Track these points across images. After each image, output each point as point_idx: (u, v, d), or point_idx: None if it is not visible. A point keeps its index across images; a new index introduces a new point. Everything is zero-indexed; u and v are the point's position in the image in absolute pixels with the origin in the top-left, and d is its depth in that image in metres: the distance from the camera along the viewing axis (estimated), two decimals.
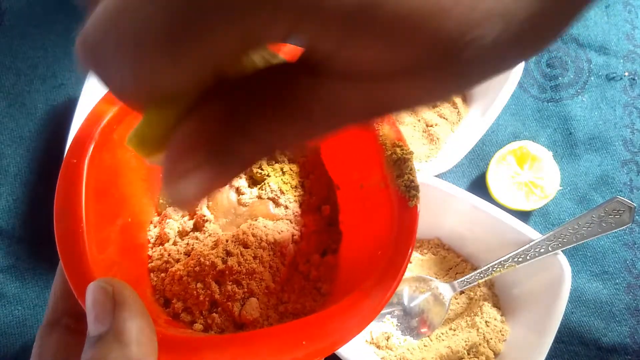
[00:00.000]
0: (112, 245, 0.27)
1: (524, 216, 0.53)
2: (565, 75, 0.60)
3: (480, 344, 0.43)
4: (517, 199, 0.51)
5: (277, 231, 0.31)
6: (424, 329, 0.46)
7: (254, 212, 0.32)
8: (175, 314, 0.28)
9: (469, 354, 0.44)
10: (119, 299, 0.19)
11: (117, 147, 0.28)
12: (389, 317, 0.46)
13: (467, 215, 0.47)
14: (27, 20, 0.60)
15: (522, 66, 0.51)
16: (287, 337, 0.22)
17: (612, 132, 0.57)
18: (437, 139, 0.54)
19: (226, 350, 0.22)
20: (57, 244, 0.23)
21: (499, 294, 0.48)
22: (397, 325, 0.46)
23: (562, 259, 0.43)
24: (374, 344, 0.45)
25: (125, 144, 0.15)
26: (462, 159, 0.50)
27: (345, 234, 0.33)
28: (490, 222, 0.46)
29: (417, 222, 0.27)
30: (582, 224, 0.43)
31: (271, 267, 0.30)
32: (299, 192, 0.34)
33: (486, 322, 0.45)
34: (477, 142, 0.50)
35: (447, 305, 0.46)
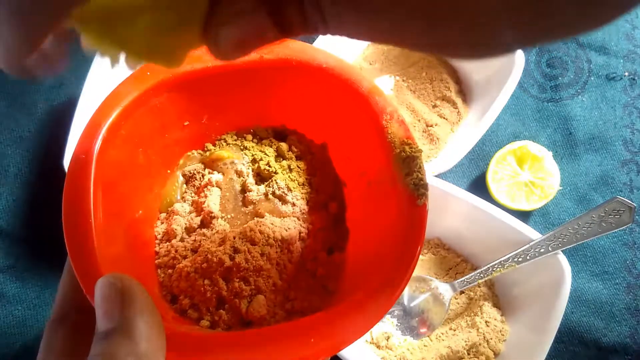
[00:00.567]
0: (120, 241, 0.27)
1: (524, 216, 0.53)
2: (565, 75, 0.60)
3: (480, 344, 0.44)
4: (517, 199, 0.51)
5: (284, 228, 0.31)
6: (423, 329, 0.46)
7: (261, 209, 0.32)
8: (182, 311, 0.28)
9: (469, 354, 0.44)
10: (128, 295, 0.19)
11: (125, 144, 0.28)
12: (389, 317, 0.46)
13: (467, 215, 0.47)
14: None
15: (522, 66, 0.51)
16: (296, 335, 0.22)
17: (612, 132, 0.57)
18: (437, 139, 0.53)
19: (235, 348, 0.22)
20: (66, 240, 0.23)
21: (499, 294, 0.48)
22: (397, 325, 0.46)
23: (562, 259, 0.43)
24: (374, 343, 0.45)
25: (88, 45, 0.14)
26: (462, 159, 0.50)
27: (352, 232, 0.33)
28: (490, 222, 0.46)
29: (425, 220, 0.27)
30: (582, 224, 0.43)
31: (278, 264, 0.30)
32: (306, 190, 0.34)
33: (486, 322, 0.45)
34: (477, 142, 0.50)
35: (447, 305, 0.46)
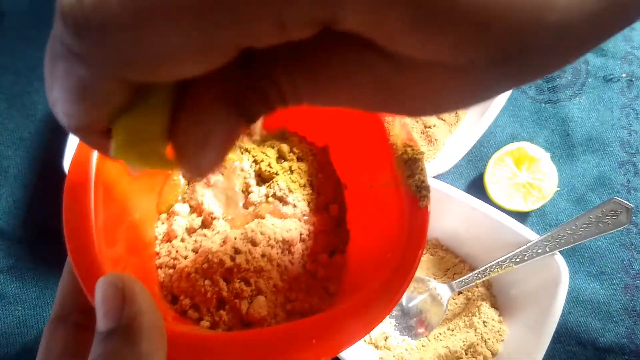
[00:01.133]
0: (120, 241, 0.27)
1: (521, 217, 0.53)
2: (562, 76, 0.60)
3: (478, 344, 0.44)
4: (515, 200, 0.51)
5: (285, 229, 0.31)
6: (421, 329, 0.46)
7: (262, 211, 0.32)
8: (182, 311, 0.28)
9: (466, 354, 0.44)
10: (129, 295, 0.18)
11: None
12: (387, 317, 0.47)
13: (465, 216, 0.47)
14: (27, 21, 0.60)
15: None
16: (297, 336, 0.22)
17: (610, 134, 0.57)
18: (435, 140, 0.54)
19: (236, 348, 0.21)
20: (66, 239, 0.23)
21: (496, 295, 0.48)
22: (395, 325, 0.46)
23: (560, 260, 0.43)
24: (372, 343, 0.46)
25: (113, 157, 0.15)
26: (460, 160, 0.50)
27: (352, 234, 0.33)
28: (488, 223, 0.46)
29: (427, 222, 0.27)
30: (580, 225, 0.43)
31: (279, 265, 0.30)
32: (307, 191, 0.34)
33: (484, 322, 0.45)
34: (475, 144, 0.50)
35: (445, 305, 0.46)
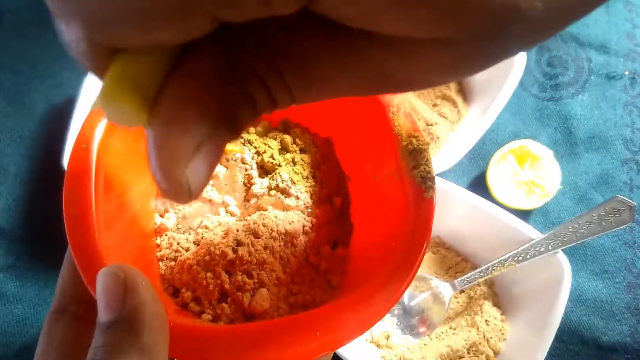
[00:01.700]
0: (121, 232, 0.27)
1: (524, 215, 0.53)
2: (565, 74, 0.60)
3: (480, 343, 0.43)
4: (517, 198, 0.51)
5: (288, 221, 0.31)
6: (423, 328, 0.46)
7: (264, 203, 0.32)
8: (183, 304, 0.28)
9: (469, 353, 0.44)
10: (131, 285, 0.18)
11: (127, 133, 0.28)
12: (389, 315, 0.46)
13: (467, 214, 0.47)
14: (26, 19, 0.60)
15: (523, 65, 0.51)
16: (301, 328, 0.22)
17: (613, 131, 0.57)
18: (437, 138, 0.53)
19: (238, 341, 0.21)
20: (67, 230, 0.23)
21: (499, 293, 0.48)
22: (397, 324, 0.46)
23: (562, 258, 0.43)
24: (374, 342, 0.45)
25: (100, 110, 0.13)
26: (462, 158, 0.50)
27: (356, 227, 0.32)
28: (490, 221, 0.46)
29: (433, 213, 0.26)
30: (582, 223, 0.43)
31: (282, 257, 0.30)
32: (310, 183, 0.34)
33: (486, 321, 0.45)
34: (477, 141, 0.50)
35: (447, 304, 0.45)
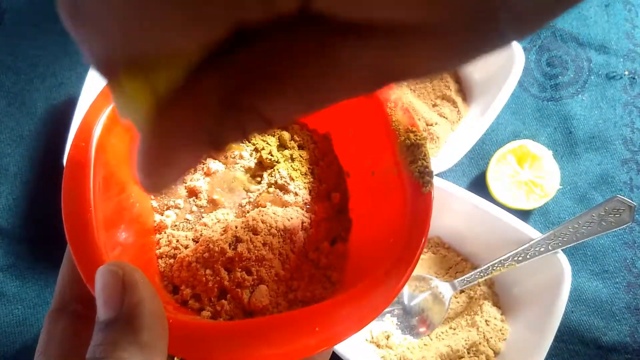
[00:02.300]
0: (120, 230, 0.27)
1: (524, 215, 0.53)
2: (565, 74, 0.60)
3: (480, 343, 0.43)
4: (517, 198, 0.51)
5: (286, 218, 0.31)
6: (423, 328, 0.46)
7: (263, 199, 0.32)
8: (183, 301, 0.28)
9: (469, 353, 0.44)
10: (130, 283, 0.18)
11: (126, 132, 0.28)
12: (389, 316, 0.46)
13: (467, 214, 0.47)
14: (27, 19, 0.60)
15: (523, 65, 0.51)
16: (300, 323, 0.22)
17: (612, 131, 0.57)
18: (437, 138, 0.53)
19: (238, 337, 0.21)
20: (65, 228, 0.23)
21: (499, 293, 0.48)
22: (397, 324, 0.46)
23: (562, 258, 0.43)
24: (374, 342, 0.45)
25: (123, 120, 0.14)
26: (462, 158, 0.50)
27: (355, 222, 0.32)
28: (490, 221, 0.46)
29: (431, 207, 0.26)
30: (582, 223, 0.43)
31: (281, 254, 0.30)
32: (309, 179, 0.34)
33: (486, 321, 0.45)
34: (477, 141, 0.50)
35: (447, 304, 0.45)
